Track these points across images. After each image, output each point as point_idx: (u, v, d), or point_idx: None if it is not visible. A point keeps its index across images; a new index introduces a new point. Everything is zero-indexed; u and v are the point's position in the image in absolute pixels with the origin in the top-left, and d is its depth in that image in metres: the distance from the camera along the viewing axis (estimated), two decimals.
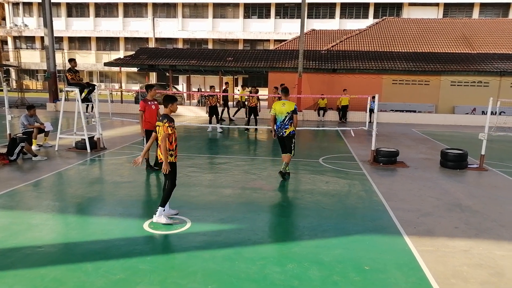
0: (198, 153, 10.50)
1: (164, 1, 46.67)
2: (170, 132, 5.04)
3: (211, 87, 14.87)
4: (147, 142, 8.15)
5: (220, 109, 14.74)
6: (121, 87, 32.55)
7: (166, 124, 5.04)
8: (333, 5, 44.84)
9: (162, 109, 5.62)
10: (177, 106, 5.37)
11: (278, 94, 13.85)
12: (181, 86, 38.36)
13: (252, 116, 15.57)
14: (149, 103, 8.08)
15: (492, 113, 9.09)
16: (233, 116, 18.48)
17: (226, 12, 47.38)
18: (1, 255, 4.23)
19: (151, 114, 8.03)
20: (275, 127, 7.73)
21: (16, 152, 8.65)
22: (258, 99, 15.63)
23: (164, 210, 5.22)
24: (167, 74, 26.01)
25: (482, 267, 4.23)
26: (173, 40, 48.23)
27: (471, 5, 42.41)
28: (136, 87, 43.24)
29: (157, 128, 5.14)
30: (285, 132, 7.63)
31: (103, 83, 47.88)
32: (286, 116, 7.54)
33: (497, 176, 8.48)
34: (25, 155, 8.97)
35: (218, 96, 15.21)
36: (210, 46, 46.61)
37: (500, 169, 9.14)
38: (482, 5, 42.17)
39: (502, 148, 12.48)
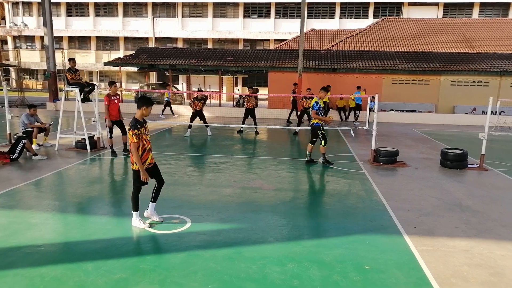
0: (198, 152, 10.50)
1: (164, 0, 46.65)
2: (135, 140, 4.69)
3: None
4: (111, 131, 9.36)
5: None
6: (121, 86, 32.54)
7: (130, 133, 4.68)
8: (333, 4, 44.84)
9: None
10: (151, 111, 4.93)
11: (311, 94, 13.88)
12: (181, 86, 38.37)
13: (250, 117, 14.87)
14: (112, 98, 9.29)
15: (492, 112, 9.09)
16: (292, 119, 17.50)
17: (226, 11, 47.38)
18: (1, 255, 4.23)
19: (113, 108, 9.33)
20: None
21: (18, 150, 8.64)
22: (257, 99, 15.23)
23: (139, 214, 5.05)
24: (167, 73, 26.00)
25: (482, 266, 4.23)
26: (173, 40, 48.24)
27: (471, 4, 42.42)
28: (136, 86, 43.25)
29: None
30: (310, 121, 9.36)
31: (103, 82, 47.84)
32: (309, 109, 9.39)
33: (498, 176, 8.48)
34: (28, 152, 8.98)
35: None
36: (210, 46, 46.58)
37: (500, 168, 9.14)
38: (482, 4, 42.19)
39: (502, 148, 12.48)
